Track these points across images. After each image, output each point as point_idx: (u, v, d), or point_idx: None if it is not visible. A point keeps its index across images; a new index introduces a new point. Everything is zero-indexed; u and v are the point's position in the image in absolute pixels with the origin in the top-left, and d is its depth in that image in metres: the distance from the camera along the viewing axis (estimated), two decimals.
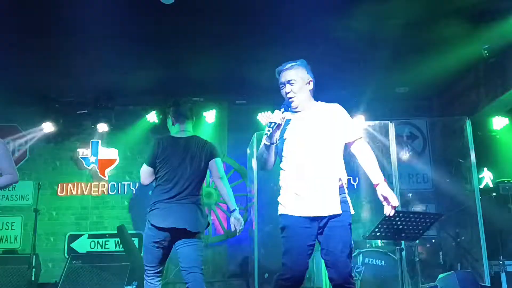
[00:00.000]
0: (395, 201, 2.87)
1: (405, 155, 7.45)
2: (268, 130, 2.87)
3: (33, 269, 5.65)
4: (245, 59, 6.10)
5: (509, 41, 5.45)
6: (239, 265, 7.20)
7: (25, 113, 7.31)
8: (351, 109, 7.17)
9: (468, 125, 6.00)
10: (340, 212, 2.86)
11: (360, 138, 3.06)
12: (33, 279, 5.68)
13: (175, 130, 3.82)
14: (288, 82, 3.05)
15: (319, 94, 7.01)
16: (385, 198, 2.88)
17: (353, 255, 5.14)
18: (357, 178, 7.42)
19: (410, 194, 6.36)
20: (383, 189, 2.90)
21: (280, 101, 3.10)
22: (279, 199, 3.00)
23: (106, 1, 4.69)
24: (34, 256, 5.68)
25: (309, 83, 3.10)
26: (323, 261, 3.00)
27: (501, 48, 5.63)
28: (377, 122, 7.24)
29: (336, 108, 3.10)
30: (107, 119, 7.17)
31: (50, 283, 6.19)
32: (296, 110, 3.05)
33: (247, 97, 7.39)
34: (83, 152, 7.54)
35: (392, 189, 6.00)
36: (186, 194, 3.57)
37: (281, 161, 3.05)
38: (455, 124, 6.57)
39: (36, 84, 6.63)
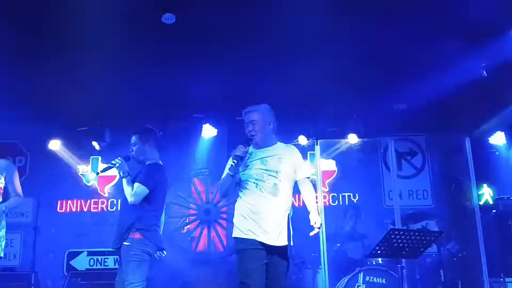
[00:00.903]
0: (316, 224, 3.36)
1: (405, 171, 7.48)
2: (234, 162, 3.37)
3: (32, 287, 5.61)
4: (245, 76, 6.14)
5: (507, 58, 5.49)
6: (239, 283, 7.14)
7: (26, 130, 7.33)
8: (349, 125, 7.31)
9: (467, 142, 6.02)
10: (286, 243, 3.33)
11: (308, 177, 3.56)
12: None
13: (157, 156, 3.90)
14: (251, 122, 3.59)
15: (318, 110, 7.02)
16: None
17: (354, 273, 5.16)
18: (356, 194, 7.43)
19: (410, 211, 6.34)
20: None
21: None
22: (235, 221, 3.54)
23: (107, 21, 4.74)
24: (33, 274, 5.64)
25: (269, 124, 3.59)
26: (324, 279, 3.23)
27: (498, 65, 5.67)
28: (374, 139, 7.30)
29: (292, 149, 3.59)
30: (107, 136, 7.19)
31: None
32: (258, 146, 3.55)
33: None
34: (83, 168, 7.55)
35: (392, 206, 6.08)
36: None
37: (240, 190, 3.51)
38: (454, 141, 6.59)
39: (37, 101, 6.65)
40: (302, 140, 6.75)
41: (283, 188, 3.39)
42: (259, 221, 3.33)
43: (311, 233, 3.38)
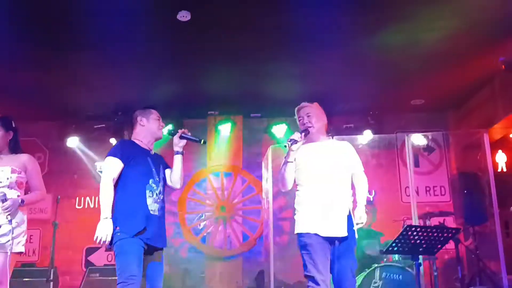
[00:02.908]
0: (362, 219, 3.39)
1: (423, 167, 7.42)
2: (287, 144, 3.32)
3: (51, 282, 5.69)
4: (260, 73, 6.15)
5: None
6: (254, 279, 7.18)
7: (44, 128, 7.45)
8: (365, 121, 7.27)
9: (486, 138, 5.94)
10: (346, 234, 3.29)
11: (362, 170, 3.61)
12: None
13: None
14: (306, 115, 3.59)
15: (333, 107, 7.01)
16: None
17: (370, 269, 5.13)
18: (373, 191, 7.38)
19: (427, 207, 6.29)
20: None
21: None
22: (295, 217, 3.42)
23: (125, 19, 4.79)
24: (52, 269, 5.72)
25: (323, 120, 3.64)
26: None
27: None
28: (391, 135, 7.26)
29: (346, 145, 3.65)
30: (125, 133, 7.24)
31: None
32: (312, 141, 3.53)
33: (262, 111, 7.43)
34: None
35: (409, 202, 6.06)
36: None
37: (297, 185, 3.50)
38: (472, 136, 6.51)
39: (55, 99, 6.75)
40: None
41: (342, 180, 3.44)
42: (323, 213, 3.31)
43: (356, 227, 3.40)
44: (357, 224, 3.39)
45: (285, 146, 3.34)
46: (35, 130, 7.45)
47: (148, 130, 3.45)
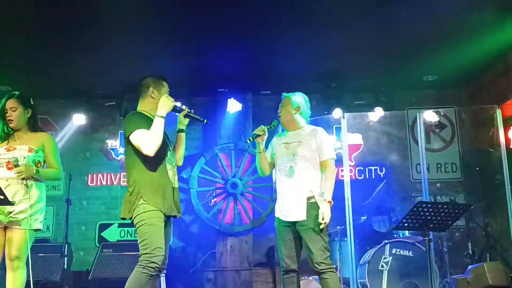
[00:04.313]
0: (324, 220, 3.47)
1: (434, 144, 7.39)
2: (249, 139, 3.71)
3: (65, 258, 5.80)
4: (270, 50, 6.10)
5: None
6: (264, 255, 7.25)
7: (55, 106, 7.48)
8: (376, 98, 7.21)
9: (498, 114, 5.87)
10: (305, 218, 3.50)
11: (332, 159, 3.65)
12: (65, 267, 5.83)
13: None
14: (281, 104, 3.81)
15: (344, 84, 6.95)
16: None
17: (380, 245, 5.16)
18: (383, 168, 7.37)
19: (438, 184, 6.28)
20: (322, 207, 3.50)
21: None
22: None
23: None
24: (66, 245, 5.82)
25: (296, 109, 3.75)
26: (349, 251, 3.32)
27: None
28: (402, 112, 7.20)
29: (317, 130, 3.73)
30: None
31: (82, 271, 6.36)
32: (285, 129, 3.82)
33: (271, 87, 7.39)
34: (112, 143, 7.69)
35: (419, 179, 6.08)
36: None
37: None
38: (484, 113, 6.44)
39: (66, 77, 6.77)
40: (336, 113, 6.68)
41: (300, 170, 3.58)
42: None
43: (321, 226, 3.49)
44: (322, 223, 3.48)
45: (248, 140, 3.73)
46: (47, 108, 7.49)
47: (158, 103, 3.28)
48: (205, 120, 3.45)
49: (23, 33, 5.48)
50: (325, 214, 3.45)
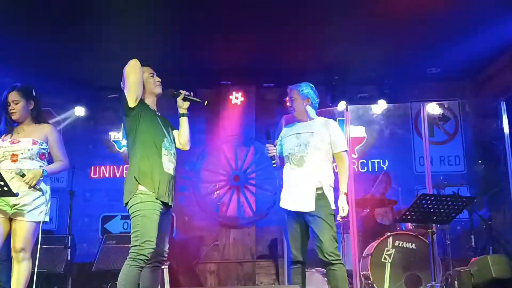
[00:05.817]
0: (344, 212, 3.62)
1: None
2: (273, 162, 3.74)
3: (69, 249, 5.82)
4: (273, 42, 6.07)
5: None
6: (267, 247, 7.27)
7: (58, 98, 7.47)
8: (379, 90, 7.19)
9: (503, 106, 5.84)
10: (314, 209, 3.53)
11: (345, 151, 3.74)
12: (69, 258, 5.86)
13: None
14: (290, 98, 3.87)
15: (348, 76, 6.92)
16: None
17: (383, 238, 5.17)
18: (386, 160, 7.36)
19: (441, 177, 6.26)
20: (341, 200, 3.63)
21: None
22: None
23: None
24: (69, 237, 5.85)
25: (307, 101, 3.81)
26: (352, 244, 3.44)
27: None
28: (406, 104, 7.17)
29: (330, 122, 3.80)
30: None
31: (85, 263, 6.39)
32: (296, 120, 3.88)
33: (274, 80, 7.37)
34: (115, 135, 7.69)
35: (423, 172, 6.06)
36: None
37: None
38: (489, 105, 6.42)
39: (69, 69, 6.76)
40: (341, 106, 6.66)
41: (310, 161, 3.63)
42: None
43: (338, 218, 3.62)
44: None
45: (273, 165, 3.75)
46: (50, 100, 7.49)
47: (146, 90, 3.45)
48: (206, 102, 3.47)
49: (25, 25, 5.46)
50: (344, 206, 3.56)
